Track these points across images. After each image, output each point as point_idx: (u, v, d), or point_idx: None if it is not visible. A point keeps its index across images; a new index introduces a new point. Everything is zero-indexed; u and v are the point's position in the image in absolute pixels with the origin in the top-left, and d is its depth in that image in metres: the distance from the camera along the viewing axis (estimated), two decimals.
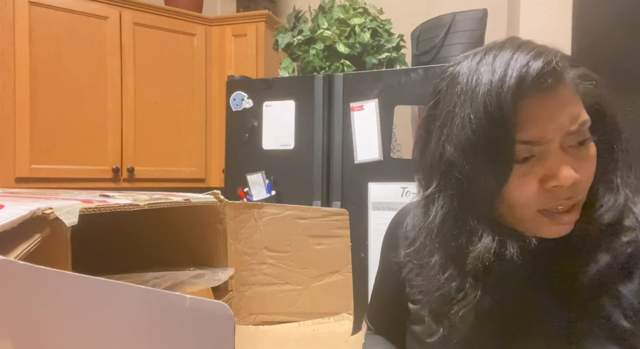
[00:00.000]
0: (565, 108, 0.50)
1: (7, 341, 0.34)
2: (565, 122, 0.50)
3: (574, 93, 0.52)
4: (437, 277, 0.58)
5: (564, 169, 0.50)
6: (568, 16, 1.58)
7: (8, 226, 0.42)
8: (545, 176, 0.51)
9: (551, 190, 0.51)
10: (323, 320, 0.85)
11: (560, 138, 0.50)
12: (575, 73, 0.53)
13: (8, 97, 1.99)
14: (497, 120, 0.50)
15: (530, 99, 0.50)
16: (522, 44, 0.53)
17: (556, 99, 0.50)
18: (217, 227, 0.83)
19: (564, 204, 0.52)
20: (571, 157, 0.51)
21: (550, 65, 0.49)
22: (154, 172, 2.33)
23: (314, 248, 0.85)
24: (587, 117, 0.51)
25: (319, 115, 1.84)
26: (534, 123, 0.50)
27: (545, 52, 0.51)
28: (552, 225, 0.53)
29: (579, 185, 0.52)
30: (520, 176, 0.52)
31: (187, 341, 0.31)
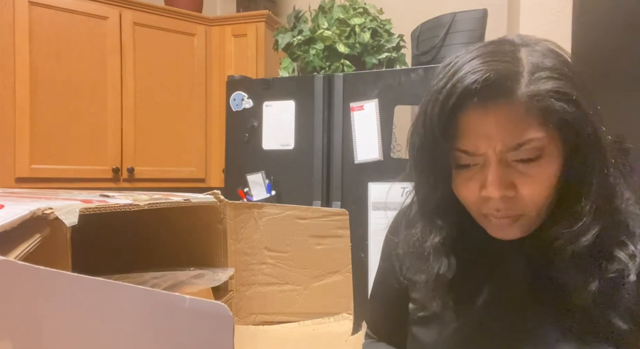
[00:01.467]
0: (503, 126, 0.50)
1: (7, 341, 0.34)
2: (500, 140, 0.50)
3: (523, 110, 0.49)
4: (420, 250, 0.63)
5: (492, 185, 0.51)
6: (568, 16, 1.58)
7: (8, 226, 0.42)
8: (482, 185, 0.53)
9: (487, 198, 0.53)
10: (323, 320, 0.85)
11: (499, 153, 0.51)
12: (542, 87, 0.49)
13: (8, 97, 1.99)
14: (433, 128, 0.52)
15: (469, 110, 0.50)
16: (487, 52, 0.51)
17: (495, 114, 0.50)
18: (217, 227, 0.83)
19: (495, 215, 0.54)
20: (515, 171, 0.51)
21: (482, 82, 0.48)
22: (154, 172, 2.33)
23: (314, 248, 0.85)
24: (535, 135, 0.49)
25: (319, 115, 1.84)
26: (471, 134, 0.51)
27: (499, 62, 0.50)
28: (491, 227, 0.57)
29: (516, 200, 0.52)
30: (465, 180, 0.55)
31: (186, 342, 0.31)
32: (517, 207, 0.53)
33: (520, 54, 0.51)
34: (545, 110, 0.49)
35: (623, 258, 0.52)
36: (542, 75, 0.49)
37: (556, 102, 0.48)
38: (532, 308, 0.57)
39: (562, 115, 0.49)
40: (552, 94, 0.49)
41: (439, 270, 0.59)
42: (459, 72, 0.50)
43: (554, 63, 0.51)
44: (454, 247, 0.60)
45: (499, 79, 0.49)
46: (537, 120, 0.49)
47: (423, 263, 0.62)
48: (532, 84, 0.49)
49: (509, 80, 0.49)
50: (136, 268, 0.74)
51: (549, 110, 0.49)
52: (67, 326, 0.34)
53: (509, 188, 0.52)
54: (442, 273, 0.59)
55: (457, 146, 0.52)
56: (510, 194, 0.52)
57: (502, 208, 0.53)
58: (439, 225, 0.60)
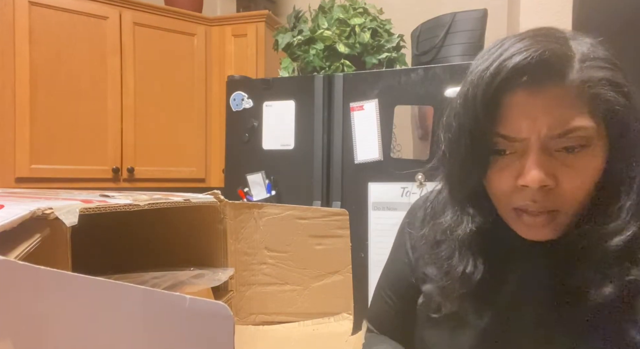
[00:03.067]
0: (551, 110, 0.47)
1: (7, 341, 0.34)
2: (546, 124, 0.47)
3: (573, 95, 0.47)
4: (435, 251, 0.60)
5: (534, 170, 0.48)
6: (568, 16, 1.58)
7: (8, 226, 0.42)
8: (519, 174, 0.50)
9: (522, 188, 0.50)
10: (323, 320, 0.85)
11: (541, 139, 0.48)
12: (595, 75, 0.47)
13: (8, 97, 1.99)
14: (476, 108, 0.49)
15: (515, 91, 0.48)
16: (537, 34, 0.49)
17: (543, 96, 0.47)
18: (217, 227, 0.83)
19: (530, 206, 0.50)
20: (557, 161, 0.49)
21: (534, 59, 0.46)
22: (154, 172, 2.33)
23: (314, 248, 0.85)
24: (583, 123, 0.47)
25: (319, 115, 1.84)
26: (513, 118, 0.48)
27: (551, 43, 0.47)
28: (522, 226, 0.53)
29: (555, 193, 0.49)
30: (499, 169, 0.52)
31: (186, 342, 0.31)
32: (556, 202, 0.49)
33: (570, 41, 0.50)
34: (596, 97, 0.46)
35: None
36: (594, 64, 0.47)
37: (608, 91, 0.46)
38: (550, 313, 0.54)
39: (613, 106, 0.46)
40: (605, 82, 0.47)
41: (465, 269, 0.56)
42: (507, 52, 0.48)
43: (605, 54, 0.49)
44: (480, 245, 0.56)
45: (552, 59, 0.46)
46: (587, 107, 0.47)
47: (445, 259, 0.58)
48: (584, 70, 0.47)
49: (562, 62, 0.47)
50: (136, 268, 0.74)
51: (601, 98, 0.46)
52: (67, 326, 0.34)
53: (550, 178, 0.48)
54: (467, 273, 0.56)
55: (498, 130, 0.49)
56: (550, 184, 0.48)
57: (538, 200, 0.49)
58: (471, 213, 0.57)
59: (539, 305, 0.55)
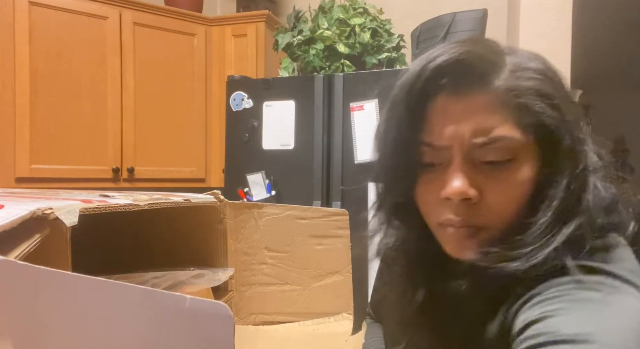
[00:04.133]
0: (475, 116, 0.44)
1: (7, 341, 0.34)
2: (469, 130, 0.44)
3: (498, 103, 0.44)
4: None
5: (455, 181, 0.45)
6: (568, 16, 1.58)
7: (8, 226, 0.42)
8: (443, 186, 0.46)
9: (446, 201, 0.46)
10: (323, 320, 0.85)
11: (464, 147, 0.45)
12: (522, 84, 0.44)
13: (8, 97, 1.99)
14: (399, 113, 0.47)
15: (439, 96, 0.46)
16: (468, 39, 0.47)
17: (466, 101, 0.45)
18: (217, 227, 0.83)
19: (453, 220, 0.47)
20: (482, 174, 0.45)
21: (457, 61, 0.44)
22: (154, 172, 2.33)
23: (314, 248, 0.85)
24: (508, 133, 0.44)
25: (319, 115, 1.84)
26: (436, 124, 0.46)
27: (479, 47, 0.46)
28: (447, 241, 0.49)
29: (479, 207, 0.45)
30: (426, 183, 0.49)
31: (187, 342, 0.31)
32: (480, 217, 0.46)
33: (504, 51, 0.48)
34: (523, 107, 0.44)
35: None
36: (523, 74, 0.45)
37: (536, 102, 0.44)
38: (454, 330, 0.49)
39: (542, 117, 0.44)
40: (533, 92, 0.44)
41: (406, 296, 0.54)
42: (432, 54, 0.46)
43: (538, 66, 0.47)
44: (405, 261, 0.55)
45: (476, 62, 0.44)
46: (512, 117, 0.44)
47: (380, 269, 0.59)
48: (512, 79, 0.45)
49: (486, 66, 0.45)
50: (136, 268, 0.74)
51: (528, 108, 0.44)
52: (67, 326, 0.34)
53: (473, 190, 0.45)
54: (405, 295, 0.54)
55: (423, 138, 0.47)
56: (473, 196, 0.45)
57: (461, 214, 0.46)
58: (396, 225, 0.55)
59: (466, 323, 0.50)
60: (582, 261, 0.42)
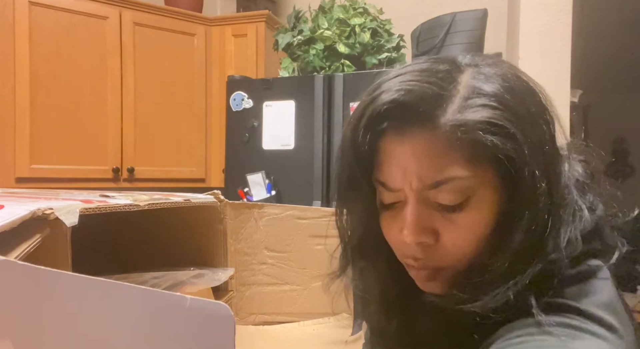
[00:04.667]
0: (420, 158, 0.42)
1: (7, 341, 0.34)
2: (416, 175, 0.42)
3: (445, 141, 0.41)
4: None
5: (406, 229, 0.43)
6: (568, 16, 1.58)
7: (8, 227, 0.42)
8: (400, 227, 0.45)
9: (404, 243, 0.45)
10: (323, 320, 0.85)
11: (416, 190, 0.43)
12: (471, 117, 0.40)
13: (8, 97, 1.99)
14: (347, 153, 0.46)
15: (385, 135, 0.43)
16: (414, 70, 0.44)
17: (410, 143, 0.42)
18: (217, 227, 0.83)
19: (412, 263, 0.46)
20: (437, 214, 0.43)
21: (395, 102, 0.41)
22: (154, 172, 2.33)
23: (314, 248, 0.85)
24: (458, 173, 0.41)
25: (319, 115, 1.84)
26: (386, 166, 0.44)
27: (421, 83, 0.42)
28: (413, 277, 0.48)
29: (436, 249, 0.44)
30: (388, 219, 0.47)
31: (187, 342, 0.31)
32: (439, 258, 0.44)
33: (460, 75, 0.43)
34: (472, 143, 0.40)
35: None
36: (475, 102, 0.41)
37: (485, 135, 0.39)
38: None
39: (493, 151, 0.40)
40: (482, 126, 0.40)
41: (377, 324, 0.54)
42: (376, 91, 0.44)
43: (496, 89, 0.42)
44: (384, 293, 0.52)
45: (416, 102, 0.41)
46: (462, 155, 0.41)
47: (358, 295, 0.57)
48: (460, 112, 0.41)
49: (429, 104, 0.41)
50: (136, 268, 0.74)
51: (477, 144, 0.40)
52: (67, 326, 0.34)
53: (427, 234, 0.43)
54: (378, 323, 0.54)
55: (376, 176, 0.45)
56: (429, 241, 0.44)
57: (420, 257, 0.45)
58: (361, 265, 0.53)
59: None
60: (548, 299, 0.41)
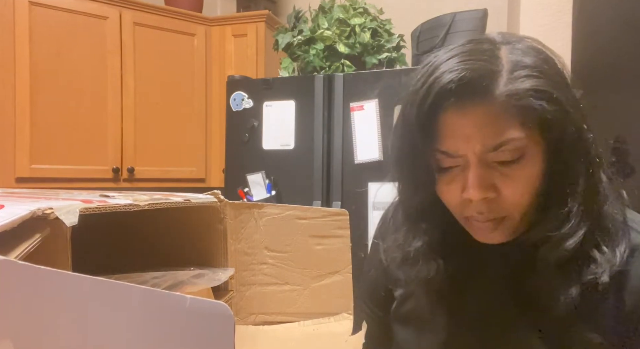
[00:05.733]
0: (482, 127, 0.49)
1: (8, 341, 0.34)
2: (479, 142, 0.49)
3: (501, 110, 0.48)
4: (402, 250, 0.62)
5: (473, 188, 0.50)
6: (568, 16, 1.58)
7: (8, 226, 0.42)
8: (463, 187, 0.52)
9: (468, 200, 0.52)
10: (323, 320, 0.85)
11: (478, 154, 0.50)
12: (520, 87, 0.48)
13: (8, 97, 1.99)
14: (412, 129, 0.51)
15: (447, 110, 0.49)
16: (464, 51, 0.51)
17: (473, 114, 0.49)
18: (217, 227, 0.83)
19: (477, 218, 0.53)
20: (496, 171, 0.50)
21: (460, 81, 0.47)
22: (154, 172, 2.33)
23: (314, 248, 0.85)
24: (515, 135, 0.48)
25: (319, 115, 1.84)
26: (449, 135, 0.50)
27: (476, 61, 0.49)
28: (474, 230, 0.56)
29: (498, 201, 0.51)
30: (446, 182, 0.54)
31: (187, 341, 0.31)
32: (500, 209, 0.52)
33: (499, 52, 0.51)
34: (524, 109, 0.48)
35: (600, 261, 0.50)
36: (521, 74, 0.48)
37: (535, 101, 0.47)
38: (513, 316, 0.56)
39: (542, 114, 0.47)
40: (531, 93, 0.47)
41: (428, 275, 0.58)
42: (435, 72, 0.50)
43: (534, 61, 0.50)
44: (442, 251, 0.59)
45: (475, 78, 0.48)
46: (516, 119, 0.48)
47: (411, 267, 0.60)
48: (510, 83, 0.48)
49: (485, 79, 0.48)
50: (136, 268, 0.74)
51: (528, 109, 0.47)
52: (67, 326, 0.34)
53: (490, 190, 0.51)
54: (431, 278, 0.58)
55: (438, 147, 0.52)
56: (491, 196, 0.51)
57: (484, 211, 0.52)
58: (423, 228, 0.59)
59: (500, 309, 0.57)
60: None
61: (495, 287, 0.58)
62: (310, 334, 0.84)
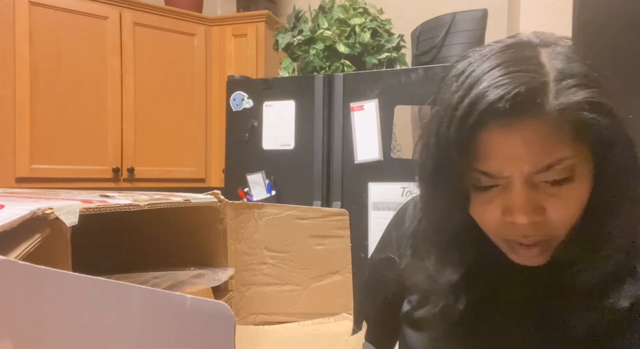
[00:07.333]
0: (532, 146, 0.43)
1: (8, 341, 0.34)
2: (528, 162, 0.44)
3: (553, 126, 0.43)
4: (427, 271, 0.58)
5: (519, 212, 0.45)
6: (568, 16, 1.58)
7: (8, 226, 0.41)
8: (505, 209, 0.47)
9: (511, 223, 0.47)
10: (323, 320, 0.85)
11: (525, 174, 0.45)
12: (572, 99, 0.42)
13: (8, 97, 1.99)
14: (449, 148, 0.46)
15: (491, 128, 0.44)
16: (508, 60, 0.45)
17: (521, 132, 0.43)
18: (217, 227, 0.83)
19: (522, 242, 0.49)
20: (542, 192, 0.46)
21: (509, 97, 0.42)
22: (154, 172, 2.33)
23: (314, 248, 0.85)
24: (567, 153, 0.44)
25: (319, 115, 1.84)
26: (492, 155, 0.45)
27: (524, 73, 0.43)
28: (518, 256, 0.51)
29: (545, 223, 0.47)
30: (483, 203, 0.49)
31: (187, 341, 0.31)
32: (547, 231, 0.47)
33: (541, 58, 0.45)
34: (577, 123, 0.42)
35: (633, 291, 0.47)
36: (570, 84, 0.43)
37: (589, 114, 0.42)
38: (534, 339, 0.53)
39: (596, 128, 0.43)
40: (584, 106, 0.42)
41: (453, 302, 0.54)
42: (477, 85, 0.44)
43: (582, 68, 0.44)
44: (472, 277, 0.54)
45: (528, 94, 0.42)
46: (568, 135, 0.43)
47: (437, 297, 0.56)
48: (560, 96, 0.42)
49: (537, 94, 0.42)
50: (136, 268, 0.74)
51: (582, 124, 0.42)
52: (67, 326, 0.34)
53: (538, 213, 0.46)
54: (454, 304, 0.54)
55: (477, 167, 0.46)
56: (539, 219, 0.46)
57: (530, 235, 0.47)
58: (457, 258, 0.54)
59: (520, 331, 0.54)
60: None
61: (517, 309, 0.54)
62: (310, 334, 0.84)
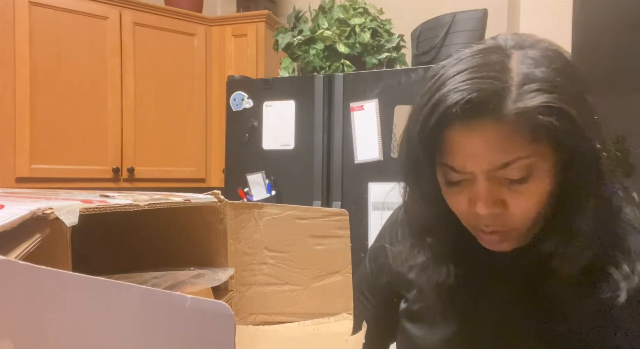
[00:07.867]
0: (490, 145, 0.47)
1: (8, 341, 0.34)
2: (486, 160, 0.48)
3: (510, 128, 0.46)
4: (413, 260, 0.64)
5: (480, 202, 0.50)
6: (568, 16, 1.58)
7: (8, 226, 0.41)
8: (470, 200, 0.52)
9: (476, 213, 0.52)
10: (323, 320, 0.85)
11: (486, 171, 0.49)
12: (530, 103, 0.45)
13: (8, 97, 1.99)
14: (415, 145, 0.51)
15: (453, 128, 0.49)
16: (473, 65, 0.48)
17: (480, 133, 0.47)
18: (217, 227, 0.83)
19: (483, 228, 0.54)
20: (504, 187, 0.50)
21: (468, 100, 0.46)
22: (154, 172, 2.33)
23: (314, 248, 0.85)
24: (523, 154, 0.47)
25: (319, 115, 1.84)
26: (456, 152, 0.50)
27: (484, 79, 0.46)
28: (484, 243, 0.56)
29: (505, 215, 0.51)
30: (454, 194, 0.54)
31: (187, 341, 0.31)
32: (507, 223, 0.52)
33: (510, 62, 0.48)
34: (535, 126, 0.46)
35: (617, 279, 0.50)
36: (531, 88, 0.46)
37: (545, 118, 0.45)
38: (526, 321, 0.56)
39: (552, 131, 0.45)
40: (541, 110, 0.45)
41: (439, 279, 0.59)
42: (442, 89, 0.48)
43: (546, 73, 0.47)
44: (452, 257, 0.59)
45: (483, 99, 0.46)
46: (525, 137, 0.47)
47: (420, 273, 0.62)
48: (519, 100, 0.46)
49: (494, 99, 0.46)
50: (136, 268, 0.74)
51: (537, 126, 0.45)
52: (67, 325, 0.34)
53: (498, 205, 0.50)
54: (442, 281, 0.59)
55: (445, 162, 0.51)
56: (499, 211, 0.51)
57: (491, 224, 0.52)
58: (428, 243, 0.60)
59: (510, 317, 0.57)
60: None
61: (508, 291, 0.58)
62: (310, 334, 0.84)
